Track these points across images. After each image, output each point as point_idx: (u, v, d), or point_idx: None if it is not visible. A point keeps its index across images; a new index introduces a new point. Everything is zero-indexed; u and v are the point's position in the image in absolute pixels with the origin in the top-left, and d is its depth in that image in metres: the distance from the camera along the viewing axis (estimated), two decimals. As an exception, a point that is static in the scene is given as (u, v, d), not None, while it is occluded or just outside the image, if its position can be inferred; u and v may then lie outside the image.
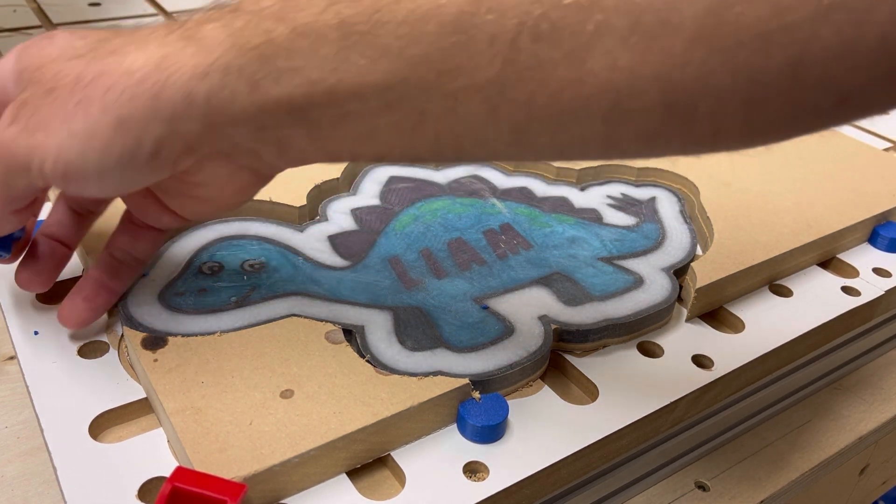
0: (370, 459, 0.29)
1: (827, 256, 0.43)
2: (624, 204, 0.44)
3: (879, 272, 0.42)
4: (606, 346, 0.35)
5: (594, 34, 0.21)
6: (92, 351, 0.32)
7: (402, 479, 0.28)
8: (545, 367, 0.33)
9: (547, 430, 0.30)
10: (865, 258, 0.43)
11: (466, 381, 0.30)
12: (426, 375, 0.30)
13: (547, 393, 0.32)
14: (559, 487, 0.30)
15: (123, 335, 0.32)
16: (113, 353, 0.32)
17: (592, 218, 0.43)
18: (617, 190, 0.46)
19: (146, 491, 0.27)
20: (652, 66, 0.21)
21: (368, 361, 0.31)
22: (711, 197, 0.44)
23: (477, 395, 0.30)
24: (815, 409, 0.40)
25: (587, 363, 0.34)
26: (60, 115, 0.25)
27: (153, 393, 0.29)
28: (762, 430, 0.39)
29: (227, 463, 0.26)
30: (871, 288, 0.40)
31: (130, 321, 0.32)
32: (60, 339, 0.32)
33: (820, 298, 0.39)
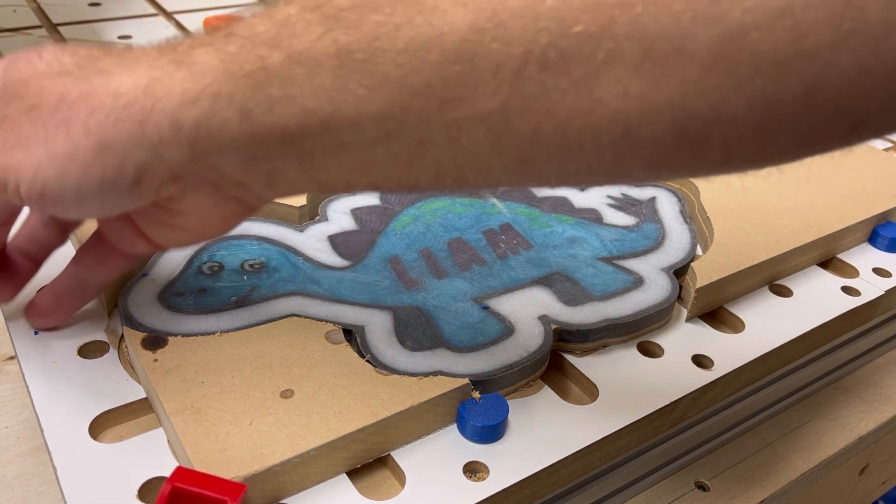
0: (370, 459, 0.29)
1: (827, 256, 0.43)
2: (624, 204, 0.44)
3: (879, 272, 0.42)
4: (606, 346, 0.35)
5: (604, 62, 0.21)
6: (92, 351, 0.32)
7: (402, 479, 0.28)
8: (545, 367, 0.33)
9: (547, 430, 0.30)
10: (865, 258, 0.43)
11: (466, 381, 0.30)
12: (426, 375, 0.30)
13: (547, 393, 0.32)
14: (559, 487, 0.30)
15: (123, 335, 0.32)
16: (113, 353, 0.32)
17: (592, 218, 0.43)
18: (617, 190, 0.46)
19: (146, 491, 0.27)
20: (665, 93, 0.21)
21: (368, 361, 0.31)
22: (711, 197, 0.44)
23: (477, 395, 0.30)
24: (815, 409, 0.40)
25: (587, 363, 0.34)
26: (41, 134, 0.24)
27: (153, 393, 0.29)
28: (762, 430, 0.39)
29: (227, 463, 0.26)
30: (871, 288, 0.40)
31: (130, 321, 0.32)
32: (60, 339, 0.32)
33: (820, 298, 0.39)
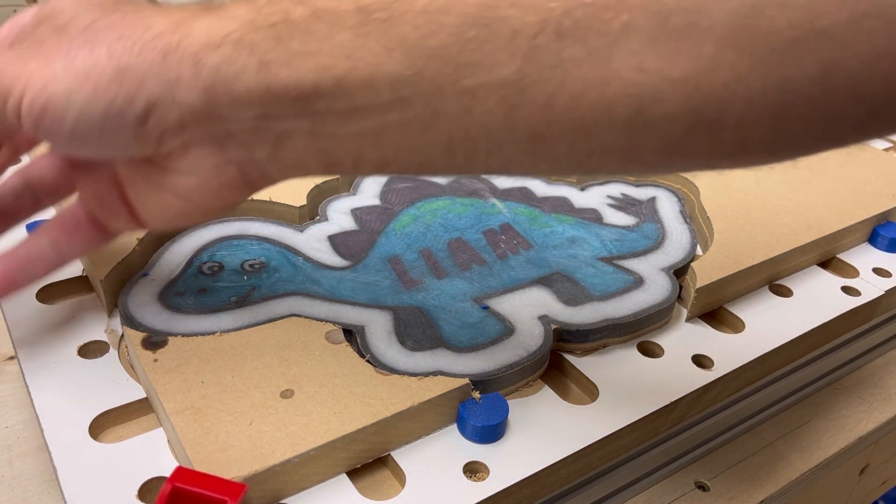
0: (370, 459, 0.29)
1: (827, 256, 0.43)
2: (624, 204, 0.44)
3: (879, 272, 0.42)
4: (606, 346, 0.35)
5: (620, 34, 0.21)
6: (92, 351, 0.32)
7: (402, 479, 0.28)
8: (545, 367, 0.33)
9: (547, 430, 0.30)
10: (865, 258, 0.43)
11: (466, 381, 0.30)
12: (426, 375, 0.30)
13: (547, 393, 0.32)
14: (559, 487, 0.30)
15: (123, 335, 0.32)
16: (113, 353, 0.32)
17: (592, 218, 0.43)
18: (617, 190, 0.46)
19: (146, 491, 0.27)
20: (679, 68, 0.20)
21: (368, 361, 0.31)
22: (711, 197, 0.44)
23: (477, 395, 0.30)
24: (815, 409, 0.40)
25: (587, 363, 0.34)
26: (64, 49, 0.24)
27: (153, 393, 0.29)
28: (762, 430, 0.39)
29: (227, 463, 0.26)
30: (871, 288, 0.40)
31: (130, 321, 0.32)
32: (60, 339, 0.32)
33: (820, 298, 0.39)
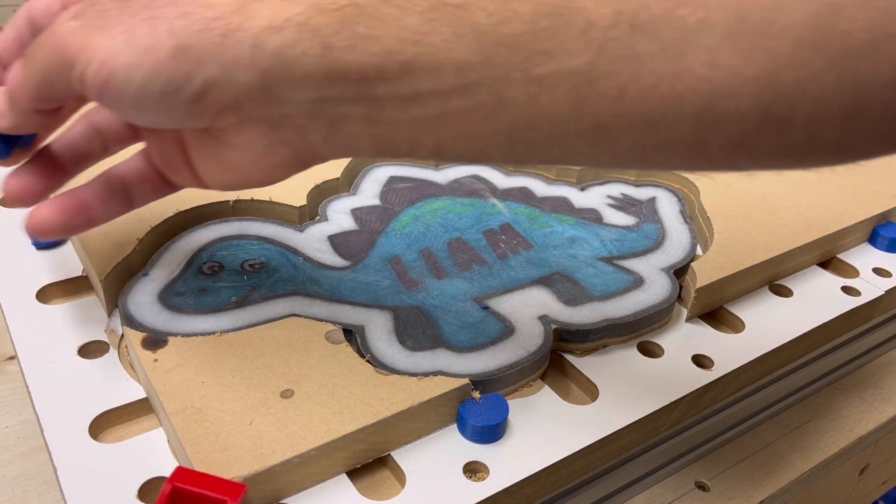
0: (370, 459, 0.29)
1: (827, 256, 0.43)
2: (624, 204, 0.44)
3: (879, 272, 0.42)
4: (606, 346, 0.35)
5: (695, 29, 0.21)
6: (92, 351, 0.32)
7: (402, 479, 0.28)
8: (545, 367, 0.33)
9: (547, 430, 0.30)
10: (865, 258, 0.43)
11: (466, 381, 0.30)
12: (426, 375, 0.30)
13: (547, 393, 0.32)
14: (559, 487, 0.30)
15: (123, 335, 0.32)
16: (113, 353, 0.32)
17: (592, 218, 0.43)
18: (617, 190, 0.46)
19: (146, 491, 0.27)
20: (754, 66, 0.20)
21: (368, 361, 0.31)
22: (711, 197, 0.44)
23: (477, 395, 0.30)
24: (815, 409, 0.40)
25: (587, 363, 0.34)
26: (126, 23, 0.24)
27: (153, 393, 0.29)
28: (762, 430, 0.39)
29: (227, 463, 0.26)
30: (871, 288, 0.40)
31: (130, 321, 0.32)
32: (60, 339, 0.32)
33: (820, 298, 0.39)
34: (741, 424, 0.38)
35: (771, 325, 0.37)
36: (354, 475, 0.28)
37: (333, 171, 0.43)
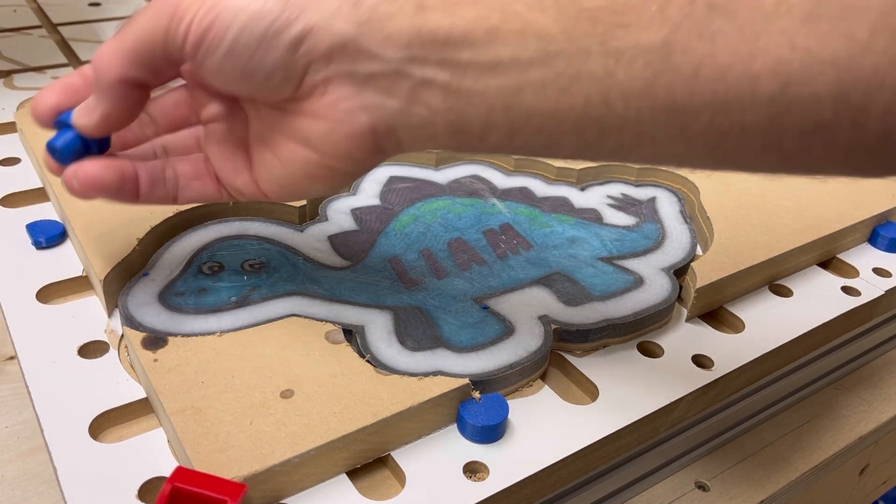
0: (370, 459, 0.29)
1: (827, 256, 0.43)
2: (624, 204, 0.44)
3: (879, 272, 0.42)
4: (606, 346, 0.35)
5: (772, 11, 0.21)
6: (92, 351, 0.32)
7: (402, 479, 0.28)
8: (545, 367, 0.33)
9: (547, 430, 0.30)
10: (865, 258, 0.43)
11: (466, 381, 0.30)
12: (426, 375, 0.30)
13: (547, 393, 0.32)
14: (559, 487, 0.30)
15: (123, 335, 0.32)
16: (113, 353, 0.32)
17: (592, 218, 0.43)
18: (617, 190, 0.46)
19: (146, 491, 0.27)
20: (830, 49, 0.20)
21: (368, 361, 0.31)
22: (711, 197, 0.44)
23: (477, 395, 0.30)
24: (815, 409, 0.40)
25: (587, 363, 0.34)
26: None
27: (153, 393, 0.29)
28: (762, 430, 0.39)
29: (227, 463, 0.26)
30: (871, 288, 0.40)
31: (130, 321, 0.32)
32: (60, 339, 0.32)
33: (820, 298, 0.39)
34: (741, 424, 0.38)
35: (771, 325, 0.37)
36: (354, 475, 0.28)
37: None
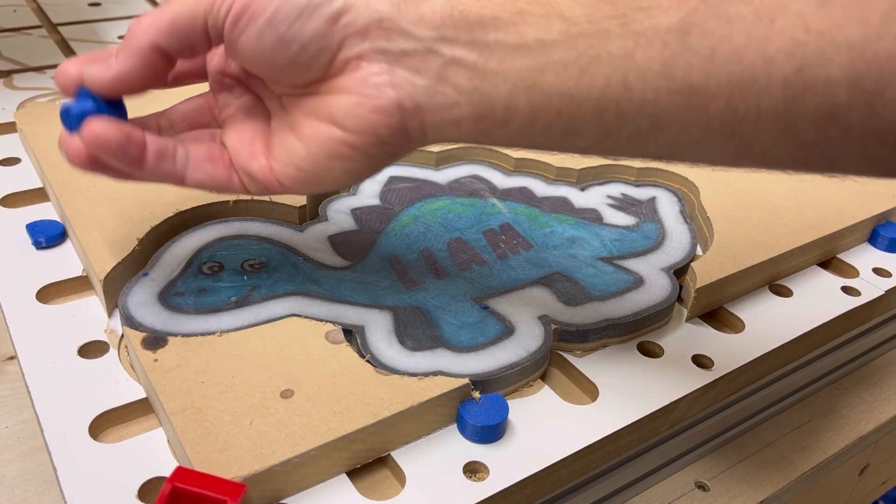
0: (370, 459, 0.29)
1: (827, 256, 0.43)
2: (624, 204, 0.44)
3: (879, 272, 0.42)
4: (606, 346, 0.35)
5: None
6: (92, 351, 0.32)
7: (402, 479, 0.28)
8: (545, 367, 0.33)
9: (547, 430, 0.30)
10: (865, 258, 0.43)
11: (466, 381, 0.30)
12: (426, 375, 0.30)
13: (547, 393, 0.32)
14: (559, 487, 0.30)
15: (123, 335, 0.32)
16: (113, 353, 0.32)
17: (592, 218, 0.43)
18: (617, 190, 0.46)
19: (146, 491, 0.27)
20: (844, 33, 0.21)
21: (368, 361, 0.31)
22: (711, 197, 0.44)
23: (477, 395, 0.30)
24: (815, 409, 0.40)
25: (587, 363, 0.34)
26: None
27: (153, 393, 0.29)
28: (762, 430, 0.39)
29: (227, 463, 0.26)
30: (871, 288, 0.40)
31: (130, 321, 0.32)
32: (60, 339, 0.32)
33: (820, 298, 0.39)
34: (741, 424, 0.38)
35: (771, 325, 0.37)
36: (354, 475, 0.28)
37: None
